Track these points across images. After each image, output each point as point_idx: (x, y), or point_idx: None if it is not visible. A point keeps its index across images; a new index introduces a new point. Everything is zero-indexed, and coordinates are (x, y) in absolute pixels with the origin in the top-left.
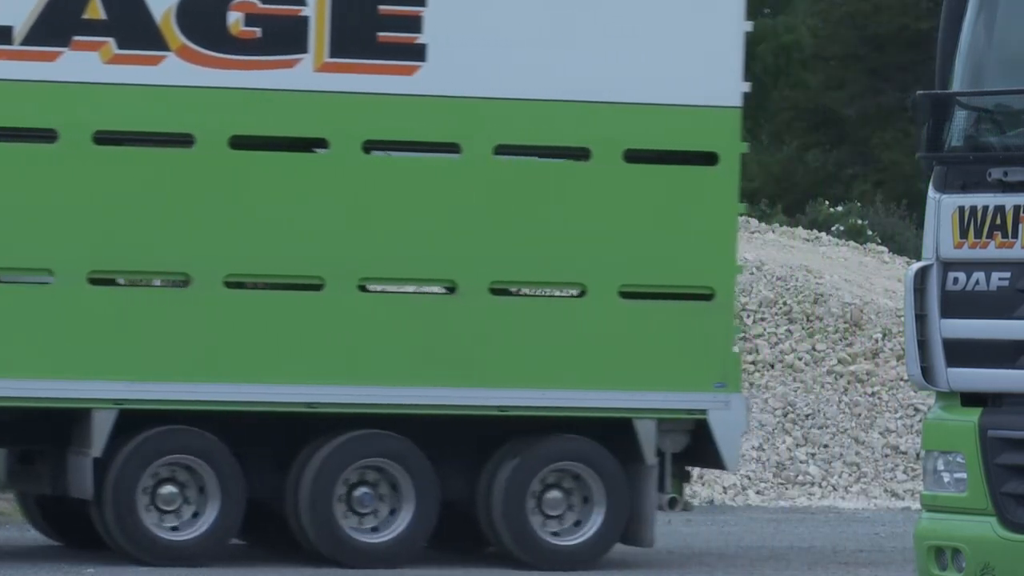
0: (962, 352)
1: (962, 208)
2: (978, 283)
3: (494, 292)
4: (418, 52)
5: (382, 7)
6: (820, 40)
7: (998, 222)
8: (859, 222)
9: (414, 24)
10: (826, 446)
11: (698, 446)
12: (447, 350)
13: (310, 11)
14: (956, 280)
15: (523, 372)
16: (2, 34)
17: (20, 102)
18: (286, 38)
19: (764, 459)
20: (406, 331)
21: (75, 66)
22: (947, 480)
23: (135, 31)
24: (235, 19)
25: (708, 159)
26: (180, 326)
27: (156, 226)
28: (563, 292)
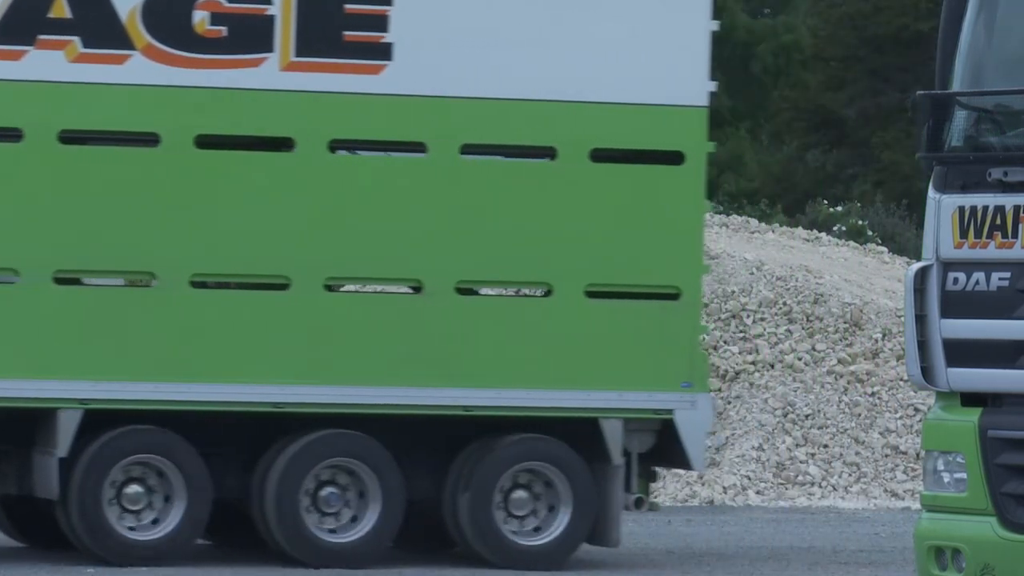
0: (962, 352)
1: (962, 208)
2: (978, 283)
3: (460, 292)
4: (384, 51)
5: (348, 6)
6: (820, 40)
7: (998, 222)
8: (859, 222)
9: (380, 23)
10: (826, 446)
11: (664, 446)
12: (413, 350)
13: (276, 10)
14: (956, 280)
15: (489, 372)
16: None
17: None
18: (252, 37)
19: (764, 459)
20: (372, 331)
21: (40, 65)
22: (947, 480)
23: (100, 30)
24: (201, 18)
25: (674, 158)
26: (146, 325)
27: (122, 225)
28: (529, 292)
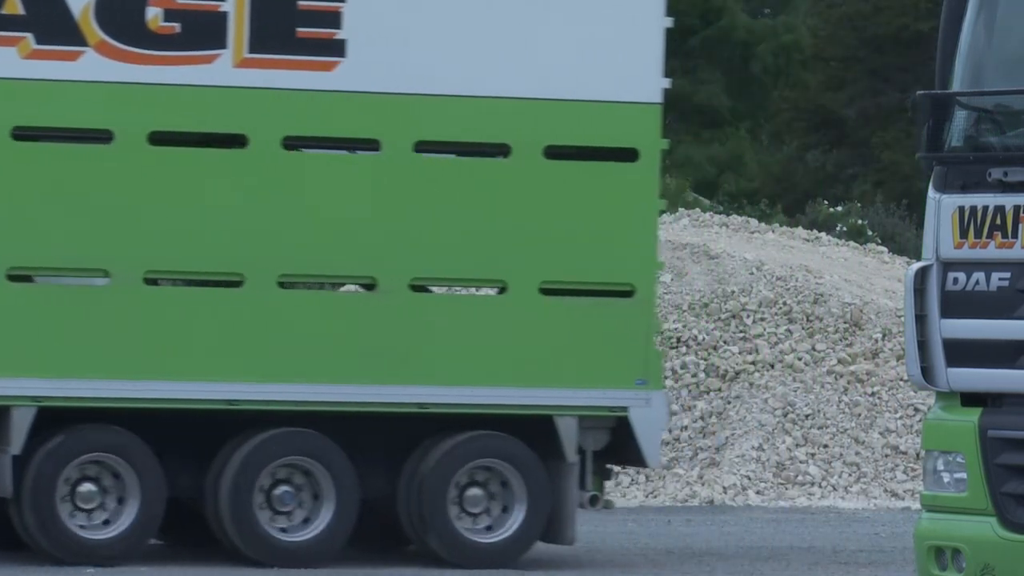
0: (962, 352)
1: (962, 208)
2: (978, 283)
3: (414, 289)
4: (337, 48)
5: (301, 3)
6: (820, 40)
7: (998, 222)
8: (859, 222)
9: (333, 20)
10: (826, 446)
11: (619, 443)
12: (367, 347)
13: (229, 6)
14: (956, 280)
15: (443, 369)
16: None
17: None
18: (205, 33)
19: (764, 459)
20: (326, 328)
21: None
22: (947, 480)
23: (53, 26)
24: (154, 15)
25: (628, 155)
26: (100, 323)
27: (76, 222)
28: (484, 289)
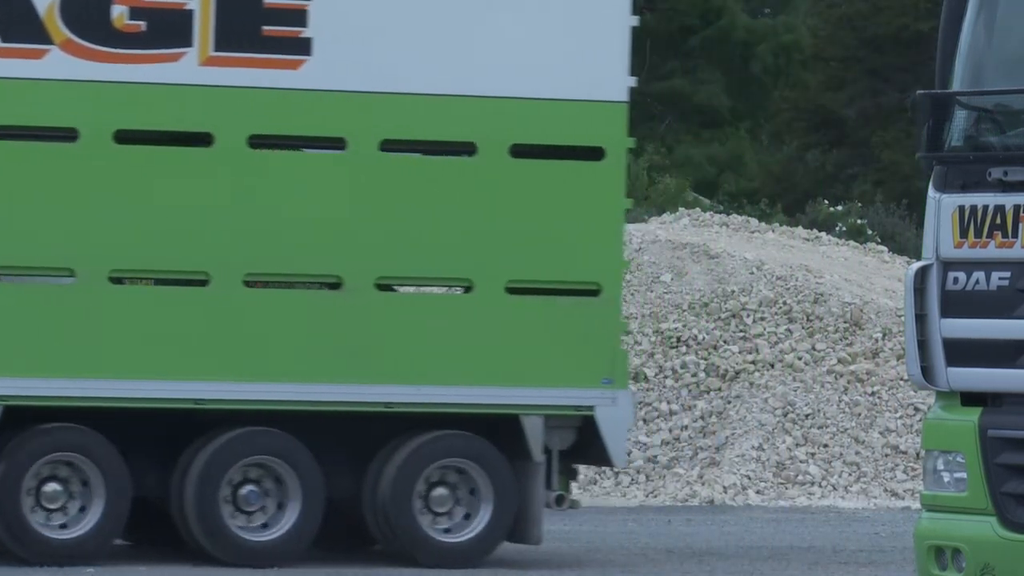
0: (962, 352)
1: (962, 208)
2: (978, 283)
3: (380, 288)
4: (303, 46)
5: (267, 1)
6: (820, 40)
7: (998, 222)
8: (859, 222)
9: (299, 18)
10: (826, 446)
11: (585, 443)
12: (333, 346)
13: (195, 5)
14: (956, 280)
15: (409, 368)
16: None
17: None
18: (170, 32)
19: (764, 459)
20: (292, 327)
21: None
22: (947, 480)
23: (18, 25)
24: (119, 13)
25: (595, 154)
26: (65, 322)
27: (40, 221)
28: (449, 288)
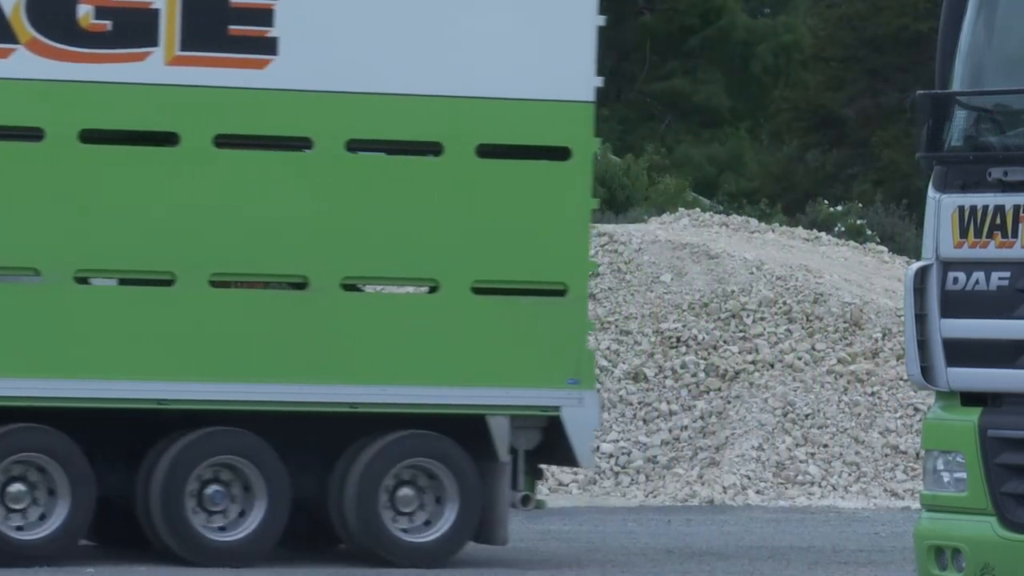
0: (962, 352)
1: (962, 208)
2: (978, 283)
3: (346, 288)
4: (269, 46)
5: (233, 0)
6: (820, 40)
7: (998, 222)
8: (859, 222)
9: (265, 17)
10: (826, 446)
11: (551, 443)
12: (298, 346)
13: (160, 4)
14: (956, 280)
15: (375, 368)
16: None
17: None
18: (136, 31)
19: (764, 459)
20: (257, 327)
21: None
22: (947, 480)
23: None
24: (85, 12)
25: (561, 154)
26: (29, 321)
27: (5, 220)
28: (415, 288)
